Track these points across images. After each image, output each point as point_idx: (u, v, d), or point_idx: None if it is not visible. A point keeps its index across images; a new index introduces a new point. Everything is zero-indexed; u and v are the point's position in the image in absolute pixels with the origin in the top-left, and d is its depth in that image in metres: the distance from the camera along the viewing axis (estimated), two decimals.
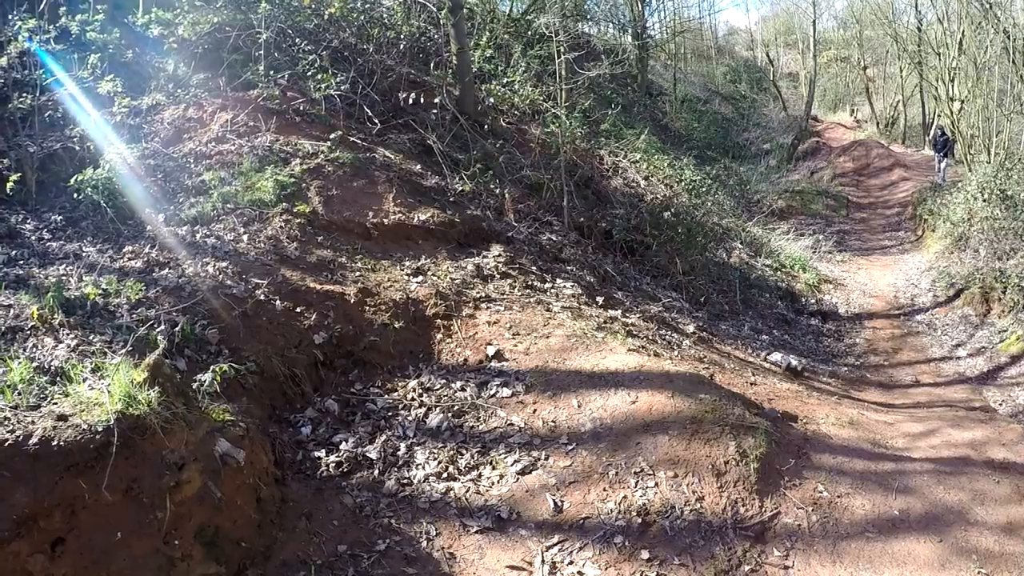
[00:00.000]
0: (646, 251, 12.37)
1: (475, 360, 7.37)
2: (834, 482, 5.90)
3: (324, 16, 11.43)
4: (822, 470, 6.04)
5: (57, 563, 4.13)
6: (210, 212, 8.04)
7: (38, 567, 4.07)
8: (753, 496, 5.61)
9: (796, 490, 5.76)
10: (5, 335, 5.47)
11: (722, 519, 5.42)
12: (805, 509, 5.58)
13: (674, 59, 31.05)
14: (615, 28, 25.93)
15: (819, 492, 5.76)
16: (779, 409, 7.11)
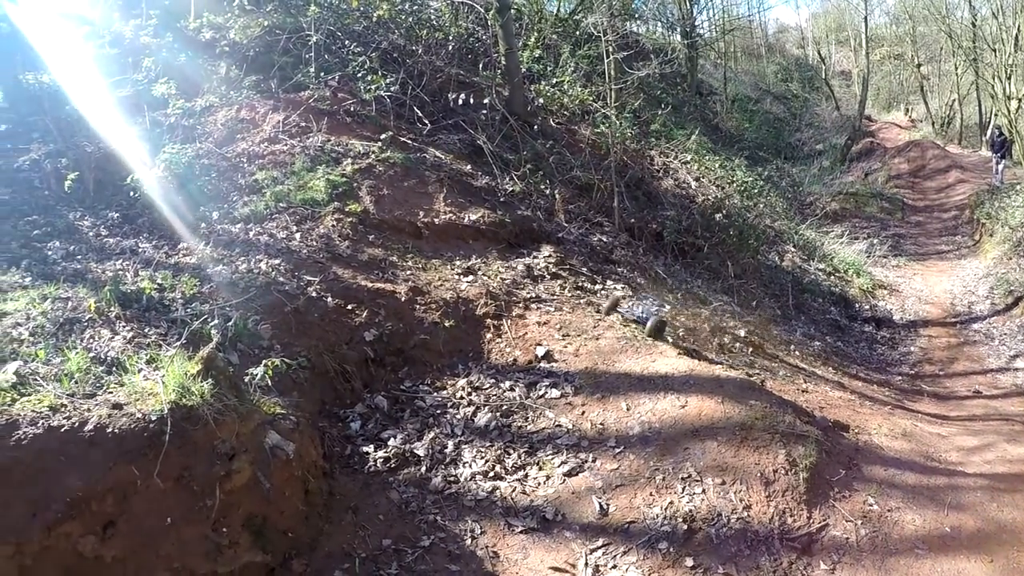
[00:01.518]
0: (697, 253, 12.22)
1: (524, 360, 7.32)
2: (885, 495, 5.71)
3: (373, 18, 11.52)
4: (873, 482, 5.86)
5: (107, 545, 4.23)
6: (263, 210, 8.13)
7: (88, 548, 4.18)
8: (801, 506, 5.45)
9: (845, 502, 5.59)
10: (63, 326, 5.57)
11: (769, 529, 5.27)
12: (854, 522, 5.41)
13: (724, 58, 30.71)
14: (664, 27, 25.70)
15: (869, 505, 5.58)
16: (831, 418, 6.92)
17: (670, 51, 19.39)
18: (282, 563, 4.82)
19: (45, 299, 5.82)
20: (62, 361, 5.03)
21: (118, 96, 9.79)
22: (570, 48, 14.82)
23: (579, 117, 13.28)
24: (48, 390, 4.60)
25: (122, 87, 10.00)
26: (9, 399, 4.44)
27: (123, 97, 9.80)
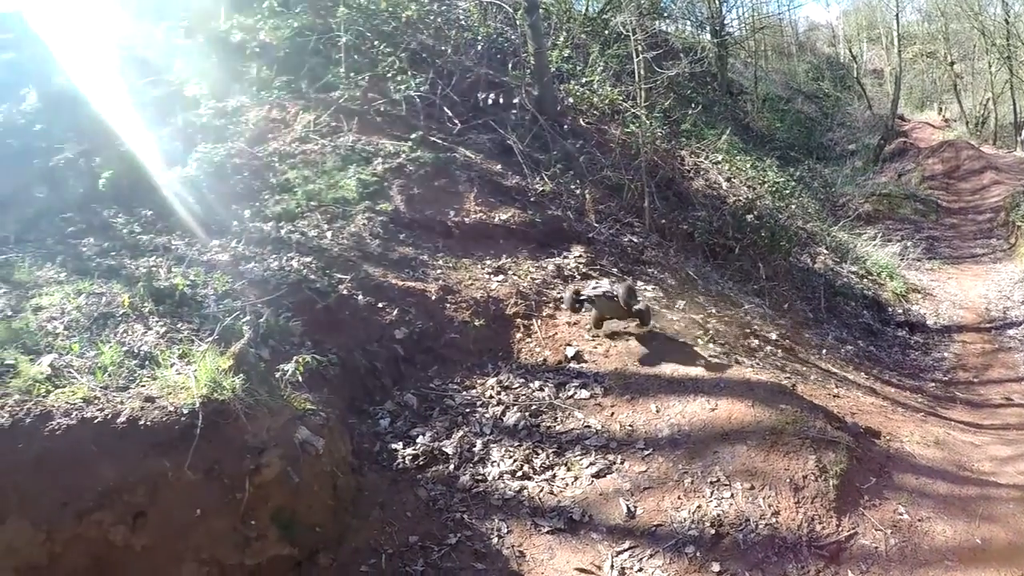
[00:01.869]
0: (728, 254, 12.09)
1: (554, 360, 7.28)
2: (915, 504, 5.62)
3: (401, 19, 11.54)
4: (903, 491, 5.77)
5: (138, 534, 4.32)
6: (295, 209, 8.18)
7: (119, 537, 4.27)
8: (830, 514, 5.38)
9: (875, 510, 5.50)
10: (97, 321, 5.64)
11: (797, 536, 5.21)
12: (884, 531, 5.32)
13: (754, 56, 30.33)
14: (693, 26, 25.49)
15: (899, 514, 5.49)
16: (862, 424, 6.78)
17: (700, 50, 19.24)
18: (309, 557, 4.85)
19: (80, 294, 5.91)
20: (96, 354, 5.10)
21: (151, 96, 9.91)
22: (599, 47, 14.76)
23: (609, 117, 13.17)
24: (82, 382, 4.67)
25: (155, 88, 10.11)
26: (44, 390, 4.53)
27: (156, 97, 9.92)
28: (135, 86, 9.91)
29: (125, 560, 4.31)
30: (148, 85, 10.09)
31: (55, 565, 4.20)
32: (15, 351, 4.93)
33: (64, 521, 4.19)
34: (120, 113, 9.10)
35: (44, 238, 7.05)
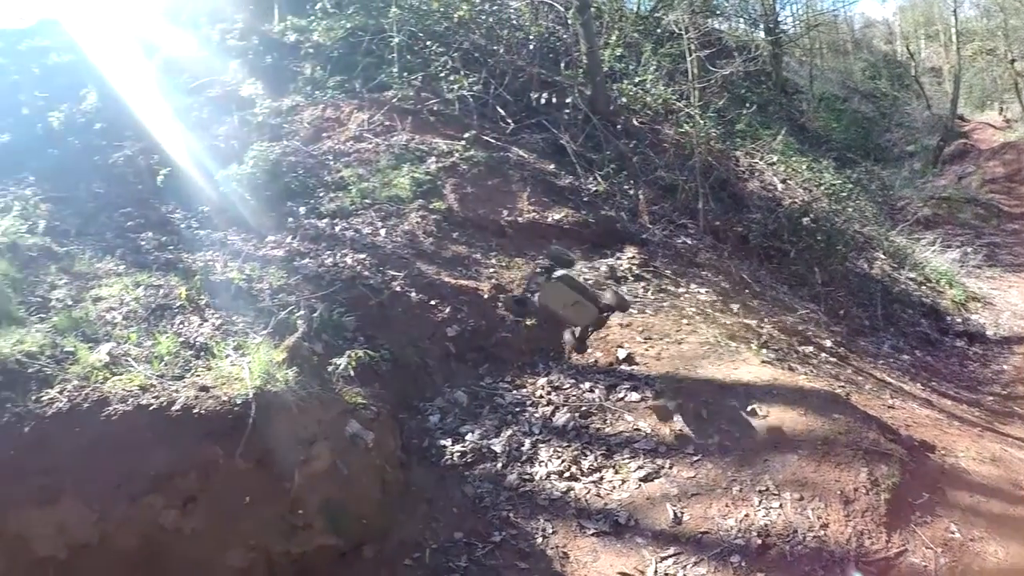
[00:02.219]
0: (783, 258, 11.87)
1: (605, 362, 7.18)
2: (968, 523, 5.37)
3: (453, 19, 11.57)
4: (956, 508, 5.52)
5: (187, 519, 4.40)
6: (349, 206, 8.26)
7: (169, 521, 4.37)
8: (880, 529, 5.16)
9: (926, 527, 5.27)
10: (155, 312, 5.78)
11: (845, 550, 5.01)
12: (934, 549, 5.09)
13: (809, 54, 29.70)
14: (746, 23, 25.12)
15: (951, 532, 5.25)
16: (916, 437, 6.53)
17: (753, 48, 18.92)
18: (354, 548, 4.88)
19: (138, 286, 6.04)
20: (153, 344, 5.22)
21: (207, 96, 10.15)
22: (651, 46, 14.58)
23: (662, 117, 13.04)
24: (139, 370, 4.77)
25: (211, 88, 10.36)
26: (101, 377, 4.63)
27: (212, 97, 10.15)
28: (191, 86, 10.19)
29: (174, 543, 4.40)
30: (204, 85, 10.34)
31: (106, 545, 4.31)
32: (75, 339, 5.06)
33: (117, 503, 4.30)
34: (177, 112, 9.35)
35: (104, 232, 7.23)
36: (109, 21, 11.43)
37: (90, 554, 4.30)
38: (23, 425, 4.34)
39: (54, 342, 4.95)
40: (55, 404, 4.44)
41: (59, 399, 4.45)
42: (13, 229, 6.69)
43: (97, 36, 10.65)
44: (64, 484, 4.27)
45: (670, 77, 14.09)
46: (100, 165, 8.39)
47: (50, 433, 4.35)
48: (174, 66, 10.54)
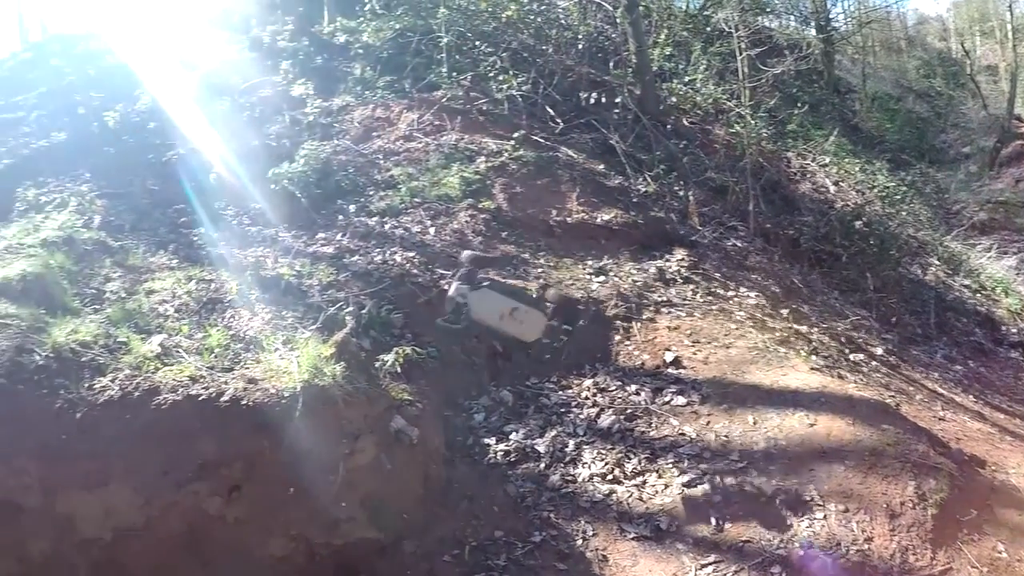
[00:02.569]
0: (835, 263, 11.66)
1: (652, 365, 7.09)
2: (1016, 543, 5.19)
3: (502, 19, 11.58)
4: (1004, 527, 5.33)
5: (232, 506, 4.53)
6: (398, 205, 8.30)
7: (214, 507, 4.51)
8: (926, 545, 5.00)
9: (973, 546, 5.10)
10: (206, 305, 5.92)
11: (889, 566, 4.87)
12: (980, 569, 4.93)
13: (862, 53, 29.02)
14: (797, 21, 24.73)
15: (998, 552, 5.08)
16: (967, 451, 6.31)
17: (804, 46, 18.62)
18: (394, 542, 4.91)
19: (190, 280, 6.18)
20: (203, 337, 5.33)
21: (259, 96, 10.31)
22: (701, 45, 14.37)
23: (713, 117, 12.89)
24: (189, 362, 4.88)
25: (263, 88, 10.52)
26: (153, 367, 4.75)
27: (264, 97, 10.30)
28: (243, 87, 10.36)
29: (218, 530, 4.53)
30: (256, 85, 10.50)
31: (151, 528, 4.45)
32: (128, 330, 5.19)
33: (163, 489, 4.44)
34: (229, 111, 9.54)
35: (157, 227, 7.43)
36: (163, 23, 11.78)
37: (135, 537, 4.44)
38: (75, 411, 4.47)
39: (107, 332, 5.09)
40: (107, 392, 4.57)
41: (111, 387, 4.57)
42: (69, 224, 6.90)
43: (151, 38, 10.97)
44: (113, 469, 4.41)
45: (720, 76, 13.90)
46: (154, 163, 8.60)
47: (101, 420, 4.48)
48: (227, 67, 10.74)
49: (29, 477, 4.36)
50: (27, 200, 7.75)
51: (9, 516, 4.35)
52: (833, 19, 24.53)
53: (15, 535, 4.36)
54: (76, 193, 7.71)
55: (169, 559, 4.51)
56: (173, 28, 11.77)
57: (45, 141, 9.15)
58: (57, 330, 4.92)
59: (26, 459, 4.37)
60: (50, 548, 4.39)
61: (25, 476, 4.36)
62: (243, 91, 10.25)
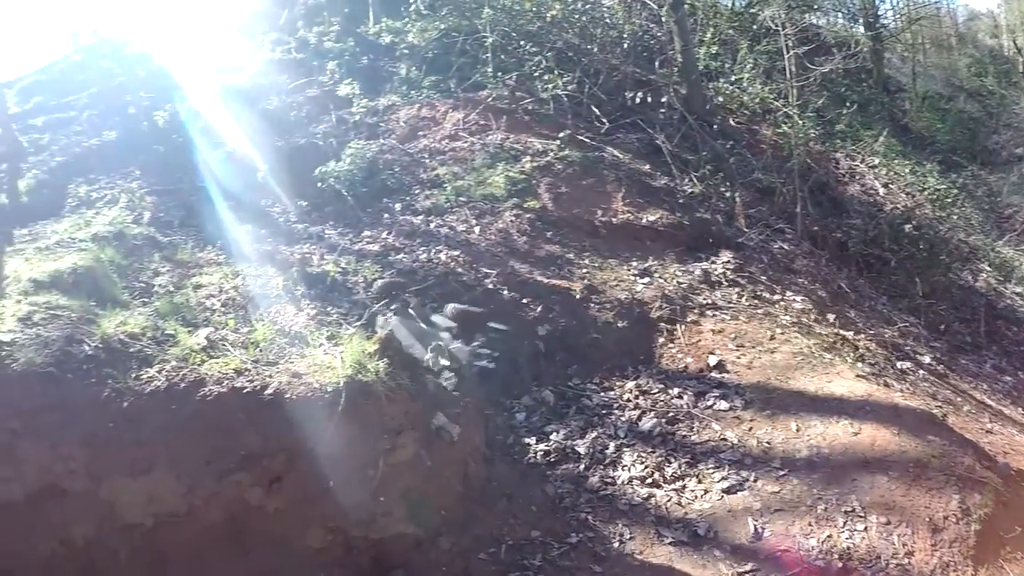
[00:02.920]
0: (883, 267, 11.41)
1: (695, 368, 7.03)
2: None
3: (546, 18, 11.55)
4: None
5: (272, 498, 4.60)
6: (444, 204, 8.35)
7: (255, 498, 4.58)
8: (967, 562, 4.84)
9: (1016, 564, 4.94)
10: (252, 300, 6.02)
11: None
12: None
13: (911, 50, 28.38)
14: (845, 18, 24.24)
15: None
16: (1014, 466, 6.12)
17: (853, 44, 18.25)
18: (431, 538, 4.92)
19: (237, 275, 6.31)
20: (249, 331, 5.42)
21: (306, 96, 10.45)
22: (747, 43, 14.21)
23: (760, 116, 12.74)
24: (235, 355, 4.94)
25: (309, 88, 10.67)
26: (199, 360, 4.82)
27: (311, 97, 10.45)
28: (290, 87, 10.51)
29: (257, 520, 4.60)
30: (303, 85, 10.65)
31: (192, 516, 4.55)
32: (175, 323, 5.29)
33: (206, 478, 4.53)
34: (277, 111, 9.68)
35: (205, 224, 7.55)
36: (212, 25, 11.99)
37: (176, 525, 4.55)
38: (122, 400, 4.58)
39: (155, 325, 5.19)
40: (153, 382, 4.66)
41: (157, 378, 4.66)
42: (120, 219, 7.09)
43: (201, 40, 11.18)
44: (157, 457, 4.52)
45: (767, 75, 13.72)
46: (202, 160, 8.74)
47: (147, 409, 4.57)
48: (274, 67, 10.92)
49: (75, 463, 4.49)
50: (79, 196, 7.97)
51: (54, 500, 4.48)
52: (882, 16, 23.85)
53: (59, 518, 4.48)
54: (126, 190, 7.90)
55: (209, 547, 4.59)
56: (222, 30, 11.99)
57: (96, 140, 9.41)
58: (106, 321, 5.03)
59: (73, 445, 4.49)
60: (92, 532, 4.51)
61: (71, 462, 4.49)
62: (290, 91, 10.38)
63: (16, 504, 4.48)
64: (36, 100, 11.12)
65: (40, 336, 4.81)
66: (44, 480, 4.50)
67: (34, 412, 4.53)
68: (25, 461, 4.49)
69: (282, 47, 11.63)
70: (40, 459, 4.48)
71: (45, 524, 4.51)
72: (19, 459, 4.48)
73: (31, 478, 4.49)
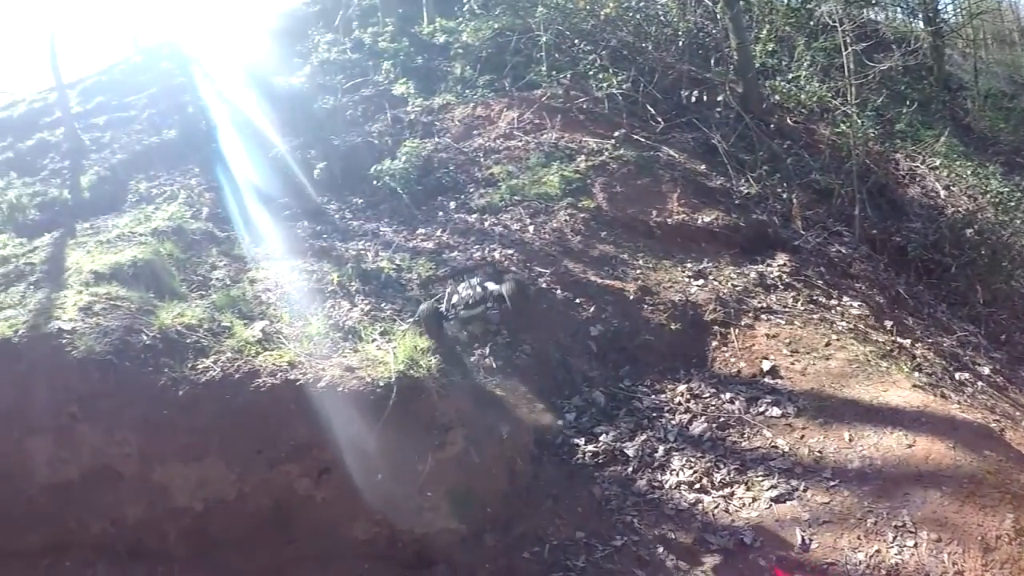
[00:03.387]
0: (943, 273, 11.08)
1: (748, 373, 6.89)
2: None
3: (600, 16, 11.51)
4: None
5: (320, 488, 4.71)
6: (498, 202, 8.36)
7: (302, 488, 4.70)
8: None
9: None
10: (307, 295, 6.15)
11: None
12: None
13: (973, 46, 27.49)
14: (904, 13, 23.60)
15: None
16: None
17: (912, 40, 17.82)
18: (475, 535, 4.93)
19: (292, 270, 6.47)
20: (304, 325, 5.53)
21: (362, 95, 10.63)
22: (804, 40, 13.96)
23: (817, 115, 12.48)
24: (289, 348, 5.06)
25: (364, 87, 10.85)
26: (254, 351, 4.95)
27: (366, 96, 10.62)
28: (346, 86, 10.68)
29: (304, 509, 4.71)
30: (358, 85, 10.83)
31: (241, 502, 4.70)
32: (231, 315, 5.45)
33: (256, 466, 4.68)
34: (333, 110, 9.82)
35: (262, 220, 7.71)
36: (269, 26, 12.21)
37: (225, 509, 4.70)
38: (178, 389, 4.76)
39: (212, 317, 5.34)
40: (208, 372, 4.81)
41: (213, 368, 4.81)
42: (179, 214, 7.29)
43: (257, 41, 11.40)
44: (209, 445, 4.68)
45: (824, 73, 13.40)
46: (259, 159, 8.90)
47: (201, 398, 4.74)
48: (329, 67, 11.08)
49: (130, 447, 4.70)
50: (139, 192, 8.20)
51: (108, 481, 4.69)
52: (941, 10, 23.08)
53: (112, 499, 4.69)
54: (185, 186, 8.11)
55: (256, 533, 4.72)
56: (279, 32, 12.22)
57: (156, 138, 9.67)
58: (164, 313, 5.20)
59: (128, 431, 4.70)
60: (143, 513, 4.70)
61: (126, 446, 4.70)
62: (346, 91, 10.52)
63: (71, 484, 4.71)
64: (98, 100, 11.50)
65: (100, 325, 5.00)
66: (99, 462, 4.71)
67: (92, 397, 4.73)
68: (82, 444, 4.71)
69: (337, 48, 11.82)
70: (96, 442, 4.70)
71: (98, 504, 4.71)
72: (76, 442, 4.72)
73: (87, 460, 4.71)
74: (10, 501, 4.73)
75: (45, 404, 4.75)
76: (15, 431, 4.74)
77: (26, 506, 4.74)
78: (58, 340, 4.91)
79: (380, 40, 11.81)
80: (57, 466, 4.72)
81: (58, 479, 4.72)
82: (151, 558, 4.76)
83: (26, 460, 4.73)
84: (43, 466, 4.74)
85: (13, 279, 6.05)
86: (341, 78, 10.71)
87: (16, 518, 4.75)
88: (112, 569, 4.72)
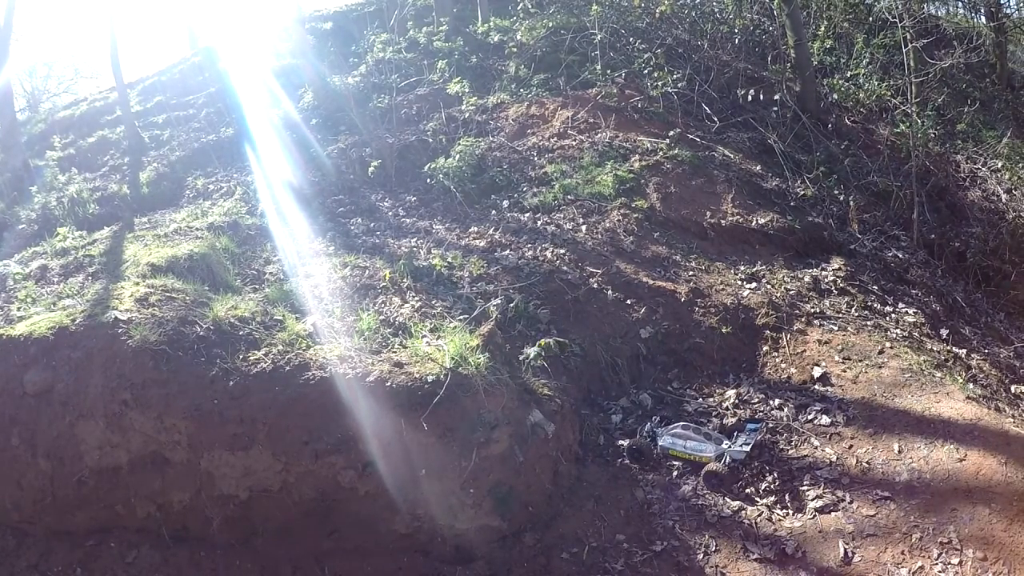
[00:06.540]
0: (1003, 281, 10.77)
1: (799, 379, 6.77)
2: None
3: (655, 14, 11.46)
4: None
5: (363, 480, 4.81)
6: (551, 202, 8.35)
7: (346, 479, 4.81)
8: None
9: None
10: (359, 290, 6.22)
11: None
12: None
13: None
14: (965, 8, 22.90)
15: None
16: None
17: (974, 36, 17.29)
18: (515, 533, 4.98)
19: (345, 266, 6.54)
20: (355, 320, 5.62)
21: (416, 94, 10.73)
22: (863, 37, 13.64)
23: (876, 115, 12.26)
24: (339, 342, 5.15)
25: (419, 86, 10.96)
26: (305, 345, 5.06)
27: (420, 95, 10.72)
28: (401, 85, 10.76)
29: (347, 501, 4.82)
30: (413, 84, 10.93)
31: (285, 492, 4.84)
32: (284, 309, 5.57)
33: (302, 457, 4.80)
34: (388, 109, 9.91)
35: (316, 216, 7.86)
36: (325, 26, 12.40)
37: (269, 498, 4.86)
38: (228, 379, 4.89)
39: (265, 310, 5.48)
40: (259, 364, 4.93)
41: (264, 360, 4.93)
42: (235, 210, 7.49)
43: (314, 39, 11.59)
44: (257, 434, 4.81)
45: (884, 71, 13.06)
46: (315, 157, 9.08)
47: (251, 389, 4.86)
48: (385, 67, 11.19)
49: (179, 434, 4.86)
50: (196, 188, 8.42)
51: (156, 467, 4.89)
52: (1005, 5, 22.30)
53: (159, 484, 4.89)
54: (242, 183, 8.31)
55: (298, 523, 4.86)
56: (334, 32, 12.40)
57: (214, 136, 9.92)
58: (218, 305, 5.35)
59: (178, 418, 4.85)
60: (189, 499, 4.90)
61: (175, 433, 4.87)
62: (401, 89, 10.61)
63: (120, 468, 4.92)
64: (157, 99, 11.87)
65: (155, 316, 5.17)
66: (148, 448, 4.90)
67: (144, 385, 4.90)
68: (132, 430, 4.90)
69: (392, 47, 11.93)
70: (146, 429, 4.88)
71: (146, 489, 4.91)
72: (127, 428, 4.90)
73: (136, 446, 4.91)
74: (60, 482, 4.95)
75: (99, 390, 4.94)
76: (68, 415, 4.95)
77: (75, 488, 4.95)
78: (114, 329, 5.09)
79: (435, 39, 11.92)
80: (107, 450, 4.91)
81: (107, 463, 4.92)
82: (194, 543, 4.94)
83: (78, 443, 4.94)
84: (94, 450, 4.94)
85: (72, 270, 6.33)
86: (396, 77, 10.78)
87: (64, 499, 4.97)
88: (155, 552, 4.91)
